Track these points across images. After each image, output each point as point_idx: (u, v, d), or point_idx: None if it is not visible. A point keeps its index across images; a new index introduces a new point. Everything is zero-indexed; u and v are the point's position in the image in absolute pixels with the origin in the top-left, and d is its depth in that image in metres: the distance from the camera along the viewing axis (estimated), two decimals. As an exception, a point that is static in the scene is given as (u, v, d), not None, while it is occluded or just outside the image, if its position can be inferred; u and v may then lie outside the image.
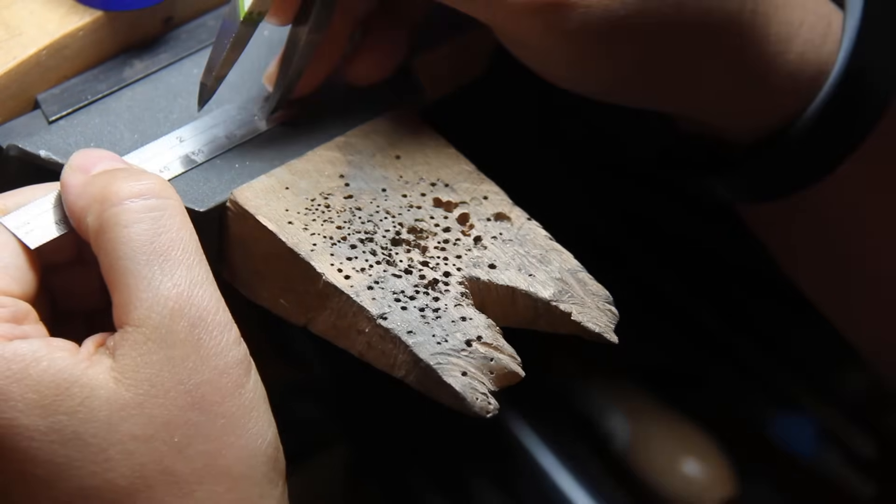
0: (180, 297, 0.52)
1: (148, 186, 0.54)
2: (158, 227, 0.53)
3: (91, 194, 0.54)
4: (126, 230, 0.52)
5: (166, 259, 0.52)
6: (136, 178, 0.54)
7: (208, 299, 0.52)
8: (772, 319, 0.98)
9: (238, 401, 0.52)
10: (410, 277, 0.58)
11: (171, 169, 0.60)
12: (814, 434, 0.97)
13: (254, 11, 0.60)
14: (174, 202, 0.54)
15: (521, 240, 0.60)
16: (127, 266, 0.52)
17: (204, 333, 0.52)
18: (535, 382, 0.59)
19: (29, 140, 0.61)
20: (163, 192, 0.54)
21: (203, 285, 0.52)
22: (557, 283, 0.58)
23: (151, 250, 0.52)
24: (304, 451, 0.90)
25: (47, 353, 0.51)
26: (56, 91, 0.63)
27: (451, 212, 0.61)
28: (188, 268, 0.52)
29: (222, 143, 0.62)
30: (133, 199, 0.53)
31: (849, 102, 0.62)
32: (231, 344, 0.52)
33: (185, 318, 0.51)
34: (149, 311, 0.51)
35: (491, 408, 0.55)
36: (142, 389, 0.51)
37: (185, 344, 0.51)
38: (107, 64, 0.64)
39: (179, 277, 0.52)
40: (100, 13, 0.63)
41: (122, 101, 0.63)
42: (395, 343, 0.56)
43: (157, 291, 0.52)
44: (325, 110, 0.64)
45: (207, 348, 0.51)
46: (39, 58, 0.62)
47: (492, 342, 0.56)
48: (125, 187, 0.53)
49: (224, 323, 0.52)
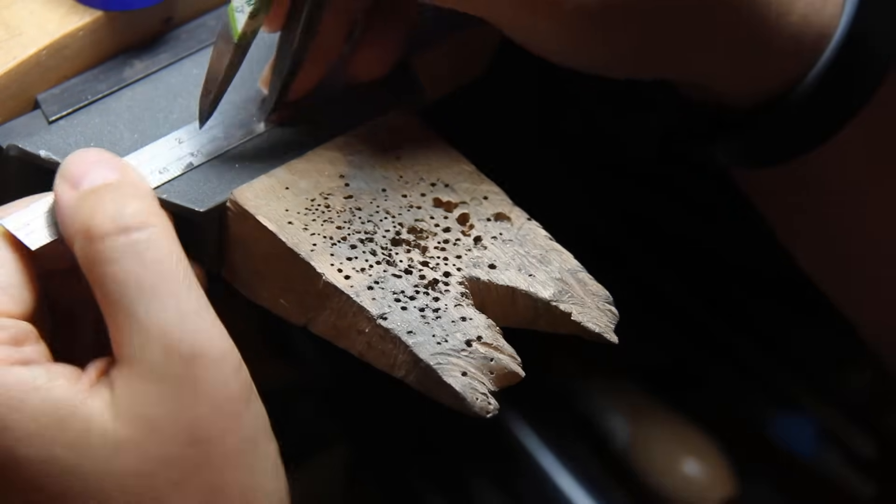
0: (172, 332, 0.50)
1: (131, 219, 0.52)
2: (144, 262, 0.51)
3: (76, 224, 0.53)
4: (111, 268, 0.51)
5: (154, 294, 0.51)
6: (120, 207, 0.52)
7: (201, 331, 0.51)
8: (772, 319, 0.98)
9: (238, 435, 0.51)
10: (410, 277, 0.58)
11: (171, 170, 0.60)
12: (814, 434, 0.97)
13: (247, 32, 0.59)
14: (160, 229, 0.52)
15: (521, 240, 0.60)
16: (116, 303, 0.51)
17: (199, 368, 0.50)
18: (535, 382, 0.59)
19: (29, 140, 0.61)
20: (148, 220, 0.52)
21: (195, 316, 0.51)
22: (557, 283, 0.58)
23: (138, 286, 0.51)
24: (304, 451, 0.90)
25: (47, 380, 0.50)
26: (56, 91, 0.63)
27: (451, 212, 0.61)
28: (178, 300, 0.51)
29: (221, 144, 0.62)
30: (116, 235, 0.52)
31: (850, 67, 0.62)
32: (228, 375, 0.51)
33: (179, 353, 0.50)
34: (141, 348, 0.50)
35: (491, 408, 0.55)
36: (138, 426, 0.50)
37: (180, 380, 0.50)
38: (107, 64, 0.64)
39: (170, 311, 0.51)
40: (100, 13, 0.63)
41: (122, 101, 0.63)
42: (395, 343, 0.56)
43: (148, 328, 0.50)
44: (325, 110, 0.64)
45: (203, 383, 0.50)
46: (39, 58, 0.62)
47: (492, 342, 0.56)
48: (108, 222, 0.52)
49: (220, 354, 0.51)
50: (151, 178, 0.59)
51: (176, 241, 0.53)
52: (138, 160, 0.60)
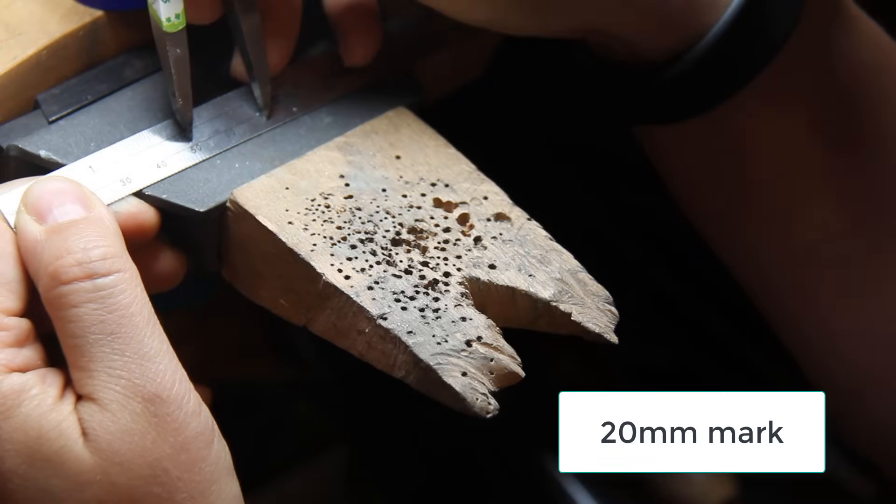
0: (132, 374, 0.51)
1: (96, 264, 0.52)
2: (107, 306, 0.52)
3: (41, 264, 0.53)
4: (74, 311, 0.52)
5: (116, 337, 0.52)
6: (86, 251, 0.52)
7: (162, 374, 0.52)
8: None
9: (199, 475, 0.52)
10: (410, 278, 0.58)
11: (170, 165, 0.60)
12: (814, 434, 0.97)
13: (171, 16, 0.59)
14: (125, 274, 0.53)
15: (521, 240, 0.60)
16: (77, 344, 0.52)
17: (160, 409, 0.51)
18: (535, 382, 0.59)
19: (29, 140, 0.61)
20: (113, 265, 0.53)
21: (156, 359, 0.52)
22: (557, 283, 0.58)
23: (100, 330, 0.52)
24: (304, 451, 0.90)
25: (40, 391, 0.51)
26: (56, 91, 0.63)
27: (451, 212, 0.61)
28: (139, 343, 0.52)
29: (223, 138, 0.62)
30: (81, 280, 0.52)
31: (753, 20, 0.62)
32: (189, 416, 0.52)
33: (140, 395, 0.51)
34: (103, 387, 0.51)
35: (491, 408, 0.55)
36: (107, 457, 0.51)
37: (142, 420, 0.51)
38: (107, 64, 0.64)
39: (131, 354, 0.52)
40: (100, 13, 0.63)
41: (122, 101, 0.63)
42: (395, 343, 0.56)
43: (109, 370, 0.51)
44: (325, 111, 0.64)
45: (164, 424, 0.51)
46: (39, 58, 0.62)
47: (492, 342, 0.56)
48: (73, 266, 0.52)
49: (181, 396, 0.52)
50: (148, 172, 0.59)
51: (139, 284, 0.53)
52: (135, 148, 0.60)
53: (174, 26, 0.59)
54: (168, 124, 0.61)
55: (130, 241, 0.56)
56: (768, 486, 0.96)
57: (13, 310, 0.53)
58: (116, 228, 0.54)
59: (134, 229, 0.57)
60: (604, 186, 0.96)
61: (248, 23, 0.61)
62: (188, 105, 0.61)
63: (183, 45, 0.60)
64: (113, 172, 0.59)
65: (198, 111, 0.62)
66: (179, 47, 0.59)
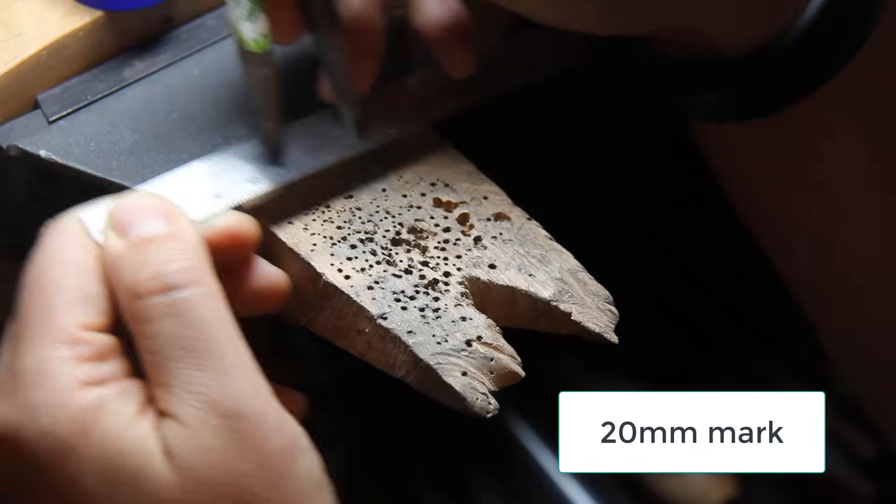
0: (211, 390, 0.50)
1: (175, 277, 0.51)
2: (185, 321, 0.51)
3: (121, 279, 0.52)
4: (151, 326, 0.51)
5: (195, 352, 0.50)
6: (165, 265, 0.52)
7: (241, 389, 0.50)
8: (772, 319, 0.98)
9: (286, 492, 0.50)
10: (410, 277, 0.58)
11: (263, 181, 0.58)
12: (813, 434, 0.97)
13: (257, 38, 0.58)
14: (204, 288, 0.52)
15: (521, 240, 0.60)
16: (156, 360, 0.51)
17: (240, 425, 0.50)
18: (535, 382, 0.59)
19: (29, 140, 0.61)
20: (192, 279, 0.52)
21: (236, 374, 0.51)
22: (557, 283, 0.59)
23: (178, 345, 0.50)
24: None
25: (119, 405, 0.50)
26: (56, 91, 0.63)
27: (451, 212, 0.61)
28: (218, 357, 0.51)
29: (317, 157, 0.60)
30: (159, 294, 0.51)
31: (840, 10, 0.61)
32: (271, 432, 0.50)
33: (219, 411, 0.50)
34: (181, 404, 0.50)
35: (491, 408, 0.55)
36: (187, 474, 0.50)
37: (222, 436, 0.50)
38: (107, 64, 0.64)
39: (209, 370, 0.50)
40: (100, 13, 0.63)
41: (122, 101, 0.63)
42: (395, 343, 0.56)
43: (188, 387, 0.50)
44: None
45: (245, 440, 0.50)
46: (39, 58, 0.62)
47: (492, 342, 0.56)
48: (152, 280, 0.51)
49: (261, 411, 0.50)
50: (242, 188, 0.58)
51: (220, 298, 0.52)
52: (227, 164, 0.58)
53: (260, 46, 0.58)
54: (260, 143, 0.60)
55: (228, 256, 0.55)
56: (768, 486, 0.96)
57: (94, 325, 0.52)
58: (199, 243, 0.53)
59: (230, 243, 0.56)
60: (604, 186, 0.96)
61: (333, 43, 0.60)
62: (277, 128, 0.59)
63: (269, 65, 0.58)
64: (204, 188, 0.57)
65: (289, 130, 0.60)
66: (266, 67, 0.58)
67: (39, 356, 0.51)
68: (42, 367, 0.50)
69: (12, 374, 0.51)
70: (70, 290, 0.52)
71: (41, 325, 0.51)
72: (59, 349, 0.51)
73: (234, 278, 0.56)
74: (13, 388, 0.51)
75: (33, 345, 0.51)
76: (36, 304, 0.52)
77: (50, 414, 0.50)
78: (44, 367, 0.50)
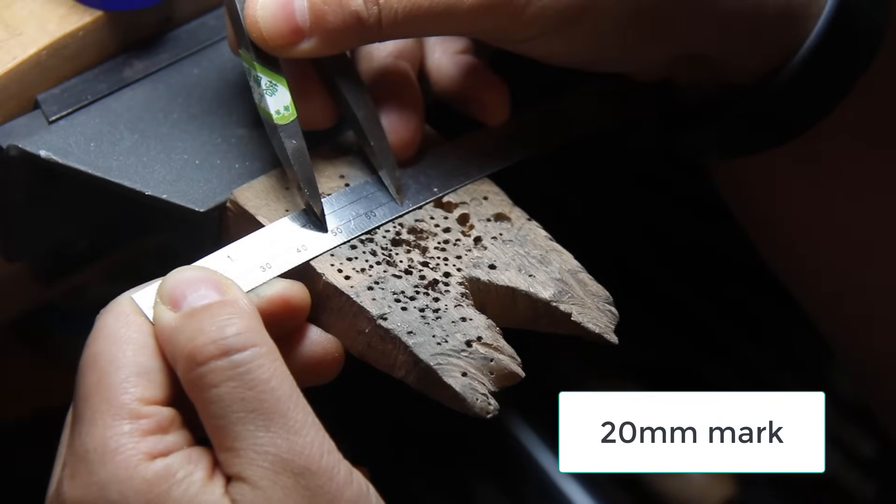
0: (279, 449, 0.50)
1: (232, 341, 0.52)
2: (246, 383, 0.51)
3: (178, 348, 0.52)
4: (214, 391, 0.51)
5: (259, 413, 0.51)
6: (222, 330, 0.52)
7: (309, 446, 0.51)
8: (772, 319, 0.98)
9: None
10: (410, 278, 0.58)
11: (310, 249, 0.58)
12: (813, 434, 0.97)
13: (279, 109, 0.58)
14: (262, 349, 0.52)
15: (522, 240, 0.60)
16: (220, 424, 0.51)
17: (311, 482, 0.50)
18: (535, 382, 0.59)
19: (29, 140, 0.61)
20: (250, 341, 0.52)
21: (302, 432, 0.51)
22: (557, 283, 0.58)
23: (242, 408, 0.51)
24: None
25: (186, 472, 0.51)
26: (56, 91, 0.63)
27: (451, 212, 0.61)
28: (283, 416, 0.51)
29: (363, 221, 0.60)
30: (218, 359, 0.51)
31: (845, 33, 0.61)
32: (342, 487, 0.51)
33: (289, 469, 0.50)
34: (250, 466, 0.50)
35: (491, 408, 0.55)
36: None
37: (295, 495, 0.50)
38: (107, 64, 0.64)
39: (276, 429, 0.51)
40: (100, 13, 0.63)
41: (122, 101, 0.63)
42: (395, 343, 0.56)
43: (256, 448, 0.50)
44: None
45: (318, 497, 0.50)
46: (39, 58, 0.62)
47: (492, 343, 0.56)
48: (209, 346, 0.51)
49: (331, 467, 0.51)
50: (289, 257, 0.58)
51: (278, 358, 0.52)
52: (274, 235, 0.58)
53: (285, 118, 0.58)
54: (304, 212, 0.59)
55: (280, 324, 0.55)
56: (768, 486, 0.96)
57: (154, 398, 0.52)
58: (252, 309, 0.53)
59: (281, 311, 0.56)
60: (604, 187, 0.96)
61: (364, 114, 0.60)
62: (315, 195, 0.59)
63: (298, 135, 0.58)
64: (252, 259, 0.57)
65: (338, 196, 0.60)
66: (295, 138, 0.58)
67: (102, 434, 0.51)
68: (106, 444, 0.51)
69: (77, 454, 0.51)
70: (126, 367, 0.52)
71: (102, 404, 0.52)
72: (121, 425, 0.51)
73: (287, 347, 0.56)
74: (80, 468, 0.51)
75: (95, 423, 0.51)
76: (95, 384, 0.52)
77: (119, 490, 0.50)
78: (108, 443, 0.51)
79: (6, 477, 0.91)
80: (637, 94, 0.67)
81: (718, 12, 0.61)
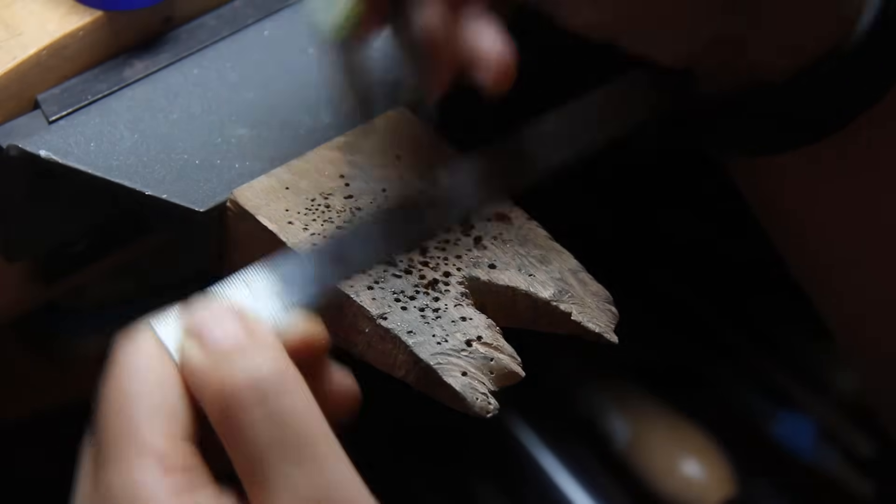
0: (312, 484, 0.49)
1: (268, 382, 0.50)
2: (283, 423, 0.50)
3: (209, 388, 0.51)
4: (249, 433, 0.50)
5: (292, 450, 0.49)
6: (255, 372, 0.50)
7: (341, 481, 0.50)
8: (772, 318, 0.98)
9: None
10: (410, 277, 0.58)
11: None
12: (813, 434, 0.97)
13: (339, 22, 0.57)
14: (295, 387, 0.50)
15: (522, 240, 0.60)
16: (253, 466, 0.50)
17: None
18: (535, 382, 0.59)
19: (29, 140, 0.61)
20: (283, 381, 0.50)
21: (334, 468, 0.50)
22: (557, 283, 0.59)
23: (276, 448, 0.49)
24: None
25: None
26: (56, 91, 0.63)
27: (451, 212, 0.61)
28: (315, 452, 0.50)
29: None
30: (254, 403, 0.50)
31: None
32: None
33: None
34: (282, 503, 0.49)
35: (491, 408, 0.55)
36: None
37: None
38: (107, 64, 0.64)
39: (308, 465, 0.49)
40: (100, 13, 0.63)
41: (122, 101, 0.63)
42: (394, 343, 0.56)
43: (287, 485, 0.49)
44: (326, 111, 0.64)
45: None
46: (39, 58, 0.62)
47: (492, 342, 0.56)
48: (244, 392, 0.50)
49: (362, 501, 0.50)
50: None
51: (310, 394, 0.51)
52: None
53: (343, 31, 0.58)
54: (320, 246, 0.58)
55: (302, 364, 0.53)
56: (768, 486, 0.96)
57: (178, 435, 0.51)
58: (280, 345, 0.52)
59: (305, 350, 0.54)
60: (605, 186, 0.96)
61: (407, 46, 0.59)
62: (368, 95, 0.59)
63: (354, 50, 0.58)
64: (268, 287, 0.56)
65: None
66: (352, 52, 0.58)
67: (127, 472, 0.49)
68: (131, 482, 0.49)
69: (100, 493, 0.50)
70: (150, 403, 0.51)
71: (125, 441, 0.50)
72: (146, 463, 0.49)
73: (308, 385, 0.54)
74: None
75: (119, 461, 0.50)
76: (117, 420, 0.50)
77: None
78: (133, 481, 0.49)
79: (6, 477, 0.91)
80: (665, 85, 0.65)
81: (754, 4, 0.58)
